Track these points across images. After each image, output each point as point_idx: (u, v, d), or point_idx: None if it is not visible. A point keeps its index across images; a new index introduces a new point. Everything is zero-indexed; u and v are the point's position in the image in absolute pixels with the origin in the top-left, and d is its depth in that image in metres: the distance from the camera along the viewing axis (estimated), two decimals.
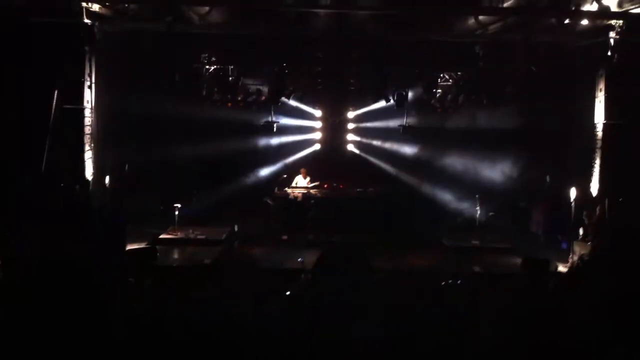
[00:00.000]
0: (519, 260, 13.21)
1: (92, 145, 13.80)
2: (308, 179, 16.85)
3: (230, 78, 16.25)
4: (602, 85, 13.68)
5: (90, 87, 13.64)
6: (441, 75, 16.76)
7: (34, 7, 11.48)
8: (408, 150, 17.72)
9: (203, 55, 15.79)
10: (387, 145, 18.07)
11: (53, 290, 1.53)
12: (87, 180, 13.58)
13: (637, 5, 11.78)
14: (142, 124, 15.46)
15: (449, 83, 16.85)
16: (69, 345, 1.48)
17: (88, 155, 13.67)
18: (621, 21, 12.51)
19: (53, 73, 12.36)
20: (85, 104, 13.55)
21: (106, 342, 1.51)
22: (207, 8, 12.68)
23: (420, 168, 17.49)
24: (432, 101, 16.95)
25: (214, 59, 15.87)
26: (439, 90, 16.88)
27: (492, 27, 13.46)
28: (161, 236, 14.83)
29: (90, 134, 13.74)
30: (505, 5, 12.13)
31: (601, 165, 13.76)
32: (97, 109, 13.90)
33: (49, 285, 1.55)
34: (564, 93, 14.91)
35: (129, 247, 11.98)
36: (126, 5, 12.94)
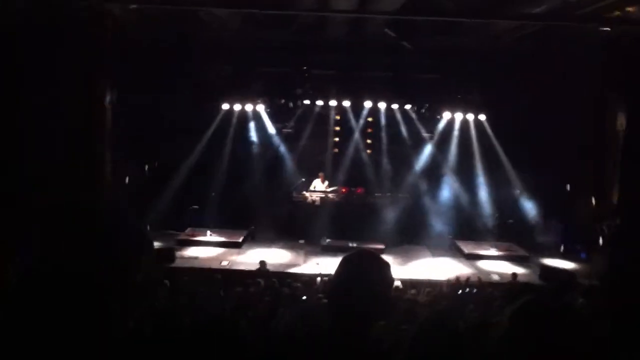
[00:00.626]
0: (537, 269, 13.24)
1: (112, 145, 13.89)
2: (326, 183, 16.86)
3: (247, 82, 16.31)
4: (624, 93, 13.54)
5: (112, 87, 13.75)
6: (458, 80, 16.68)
7: (54, 7, 11.60)
8: (429, 155, 17.63)
9: (220, 60, 15.84)
10: (408, 150, 18.00)
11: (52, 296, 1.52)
12: (108, 181, 13.68)
13: None
14: (162, 126, 15.56)
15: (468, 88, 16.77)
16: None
17: (108, 156, 13.77)
18: None
19: (74, 73, 12.45)
20: (107, 105, 13.66)
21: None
22: (225, 11, 12.72)
23: (441, 174, 17.40)
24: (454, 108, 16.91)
25: (230, 63, 15.92)
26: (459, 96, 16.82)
27: (512, 35, 13.38)
28: (179, 237, 14.93)
29: (111, 135, 13.83)
30: (535, 11, 12.02)
31: (620, 174, 13.61)
32: (119, 109, 14.00)
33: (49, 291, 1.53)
34: (584, 101, 14.79)
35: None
36: (145, 8, 13.02)
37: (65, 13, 11.42)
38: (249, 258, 13.87)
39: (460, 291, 10.96)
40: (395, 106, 17.26)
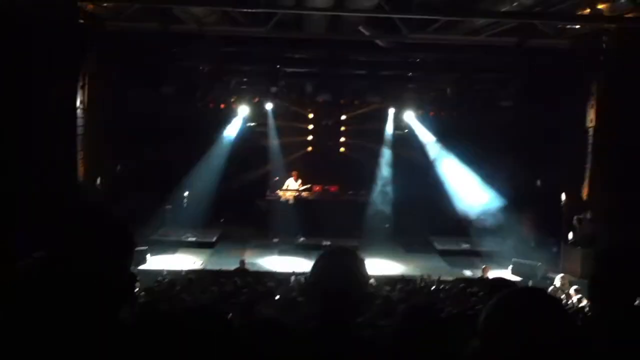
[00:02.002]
0: (509, 265, 13.39)
1: (85, 145, 13.72)
2: (299, 181, 16.86)
3: (224, 79, 16.21)
4: (594, 90, 13.73)
5: (83, 87, 13.58)
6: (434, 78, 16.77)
7: (29, 5, 11.41)
8: (401, 153, 17.71)
9: (197, 57, 15.72)
10: (381, 148, 18.06)
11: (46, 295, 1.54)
12: (79, 181, 13.52)
13: (629, 11, 11.84)
14: (136, 124, 15.42)
15: (444, 87, 16.86)
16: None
17: (80, 156, 13.60)
18: (614, 26, 12.57)
19: (46, 73, 12.28)
20: (78, 104, 13.49)
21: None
22: (201, 9, 12.63)
23: (413, 171, 17.50)
24: (427, 105, 17.01)
25: (207, 60, 15.80)
26: (434, 94, 16.92)
27: (487, 31, 13.49)
28: (152, 237, 14.81)
29: (83, 134, 13.67)
30: (502, 10, 12.15)
31: (592, 169, 13.81)
32: (91, 109, 13.83)
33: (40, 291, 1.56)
34: (557, 97, 14.98)
35: None
36: (120, 4, 12.88)
37: (37, 10, 11.24)
38: (222, 257, 13.82)
39: (434, 287, 11.03)
40: (369, 103, 17.34)
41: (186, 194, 15.87)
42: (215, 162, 16.65)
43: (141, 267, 12.70)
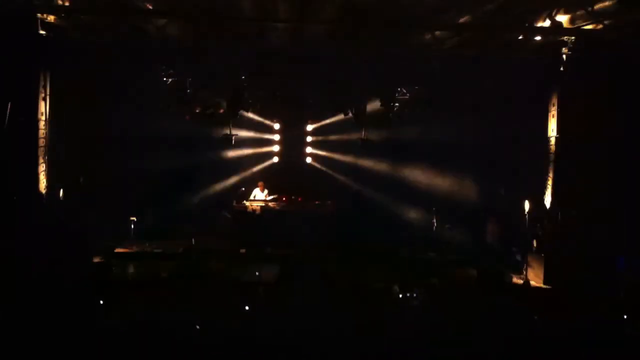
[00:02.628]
0: (474, 272, 13.50)
1: (46, 157, 13.53)
2: (266, 192, 16.83)
3: (188, 90, 16.09)
4: (555, 100, 13.99)
5: (45, 99, 13.41)
6: (398, 89, 16.84)
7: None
8: (366, 163, 17.80)
9: (160, 68, 15.59)
10: (346, 158, 18.13)
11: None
12: (40, 193, 13.32)
13: (588, 23, 12.10)
14: (98, 136, 15.27)
15: (406, 97, 16.95)
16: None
17: (42, 168, 13.41)
18: (573, 37, 12.85)
19: (6, 85, 12.11)
20: (39, 116, 13.31)
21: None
22: (164, 20, 12.58)
23: (378, 181, 17.58)
24: (390, 114, 17.06)
25: (171, 71, 15.68)
26: (397, 104, 16.98)
27: (448, 42, 13.66)
28: (117, 250, 14.62)
29: (45, 146, 13.49)
30: (461, 21, 12.34)
31: (554, 178, 14.06)
32: (52, 121, 13.66)
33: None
34: (518, 107, 15.23)
35: None
36: (82, 16, 12.76)
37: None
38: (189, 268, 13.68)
39: (401, 295, 11.09)
40: (334, 114, 17.41)
41: (151, 205, 15.70)
42: (181, 172, 16.53)
43: (106, 279, 12.50)
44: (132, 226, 15.57)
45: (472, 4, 11.34)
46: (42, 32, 12.54)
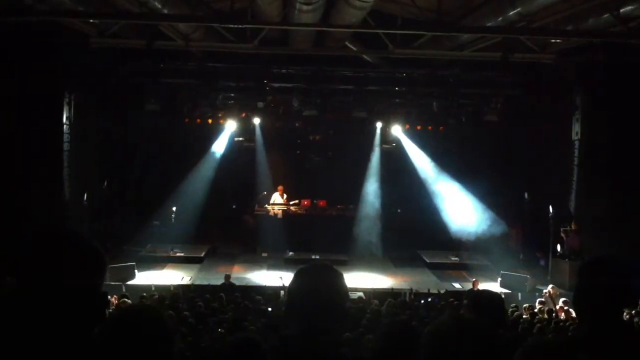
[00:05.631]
0: (498, 278, 13.41)
1: (71, 162, 13.66)
2: (285, 196, 16.82)
3: (210, 95, 16.15)
4: (580, 103, 13.85)
5: (69, 104, 13.56)
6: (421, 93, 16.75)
7: (13, 23, 11.38)
8: (390, 167, 17.69)
9: (184, 74, 15.65)
10: (368, 162, 18.03)
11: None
12: (65, 198, 13.47)
13: (614, 25, 11.94)
14: (121, 141, 15.42)
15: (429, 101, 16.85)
16: None
17: (66, 172, 13.55)
18: (599, 40, 12.68)
19: (31, 90, 12.25)
20: (64, 120, 13.46)
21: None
22: (189, 26, 12.63)
23: (402, 185, 17.49)
24: (414, 120, 16.98)
25: (194, 77, 15.74)
26: (419, 109, 16.88)
27: (471, 47, 13.56)
28: (140, 254, 14.73)
29: (70, 150, 13.63)
30: (487, 24, 12.22)
31: (578, 182, 13.91)
32: (78, 126, 13.80)
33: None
34: (543, 112, 15.10)
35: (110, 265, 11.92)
36: (103, 22, 12.87)
37: (23, 26, 11.21)
38: (211, 273, 13.77)
39: (423, 301, 11.03)
40: (356, 118, 17.35)
41: (174, 209, 15.78)
42: (204, 178, 16.60)
43: (129, 282, 12.62)
44: (156, 230, 15.66)
45: (498, 9, 11.23)
46: (65, 38, 12.67)
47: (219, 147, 17.03)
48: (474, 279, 12.92)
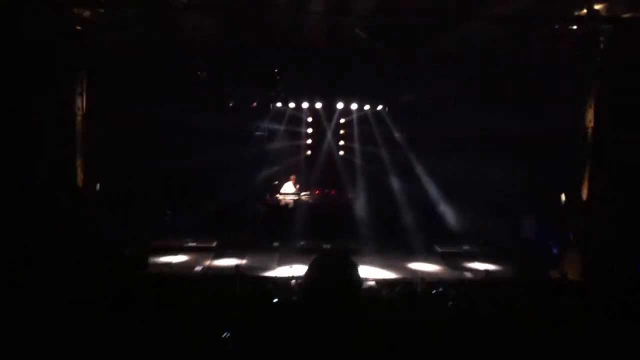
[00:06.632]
0: (510, 267, 13.36)
1: (84, 152, 13.70)
2: (297, 186, 16.84)
3: (223, 85, 16.17)
4: (592, 91, 13.71)
5: (81, 94, 13.58)
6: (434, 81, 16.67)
7: (23, 12, 11.41)
8: (400, 155, 17.67)
9: (194, 62, 15.67)
10: (381, 151, 18.02)
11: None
12: (78, 187, 13.51)
13: (627, 11, 11.84)
14: (135, 131, 15.42)
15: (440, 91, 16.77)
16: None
17: (79, 162, 13.59)
18: (611, 26, 12.57)
19: (43, 80, 12.27)
20: (76, 110, 13.49)
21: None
22: (198, 14, 12.61)
23: (412, 173, 17.46)
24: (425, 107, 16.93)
25: (204, 65, 15.75)
26: (431, 96, 16.83)
27: (483, 36, 13.47)
28: (152, 243, 14.78)
29: (82, 142, 13.66)
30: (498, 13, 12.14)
31: (590, 171, 13.79)
32: (89, 116, 13.82)
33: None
34: (554, 98, 14.96)
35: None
36: (116, 12, 12.87)
37: (33, 16, 11.24)
38: (224, 263, 13.82)
39: (434, 291, 11.01)
40: (367, 107, 17.32)
41: (186, 199, 15.81)
42: (215, 168, 16.62)
43: (143, 272, 12.66)
44: (167, 219, 15.71)
45: None
46: (78, 27, 12.69)
47: (229, 136, 17.05)
48: (485, 269, 12.89)
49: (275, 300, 8.92)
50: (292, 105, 17.50)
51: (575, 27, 12.91)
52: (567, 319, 7.99)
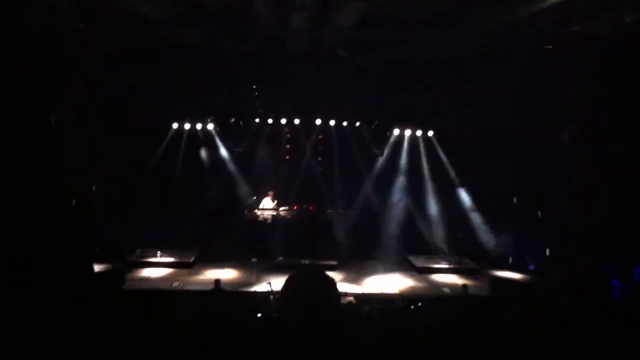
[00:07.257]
0: (487, 281, 13.43)
1: (70, 157, 13.52)
2: (276, 201, 16.81)
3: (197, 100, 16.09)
4: (578, 101, 13.61)
5: (70, 100, 13.45)
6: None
7: (26, 11, 11.33)
8: (381, 171, 17.68)
9: (176, 72, 15.50)
10: (359, 167, 18.01)
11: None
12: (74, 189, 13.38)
13: (610, 30, 11.90)
14: (112, 142, 15.28)
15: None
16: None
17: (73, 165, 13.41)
18: (599, 35, 12.59)
19: (35, 87, 12.17)
20: (65, 114, 13.35)
21: None
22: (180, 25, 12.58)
23: (391, 189, 17.48)
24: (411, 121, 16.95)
25: (185, 77, 15.60)
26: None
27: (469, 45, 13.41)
28: (129, 259, 14.66)
29: (70, 144, 13.48)
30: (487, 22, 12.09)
31: (570, 188, 13.76)
32: (78, 121, 13.68)
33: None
34: (539, 108, 14.84)
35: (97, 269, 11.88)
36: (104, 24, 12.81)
37: (35, 16, 11.20)
38: (201, 278, 13.73)
39: (413, 306, 11.02)
40: (345, 123, 17.36)
41: (165, 213, 15.71)
42: (193, 182, 16.55)
43: (119, 287, 12.53)
44: (146, 234, 15.59)
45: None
46: (68, 36, 12.61)
47: (207, 151, 17.01)
48: (463, 283, 12.93)
49: (259, 315, 8.89)
50: (270, 121, 17.47)
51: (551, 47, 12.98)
52: (543, 332, 8.05)
